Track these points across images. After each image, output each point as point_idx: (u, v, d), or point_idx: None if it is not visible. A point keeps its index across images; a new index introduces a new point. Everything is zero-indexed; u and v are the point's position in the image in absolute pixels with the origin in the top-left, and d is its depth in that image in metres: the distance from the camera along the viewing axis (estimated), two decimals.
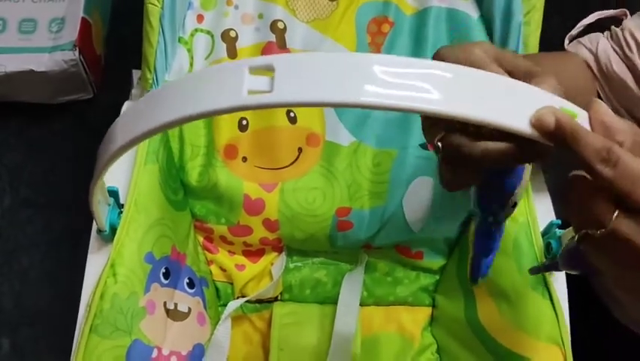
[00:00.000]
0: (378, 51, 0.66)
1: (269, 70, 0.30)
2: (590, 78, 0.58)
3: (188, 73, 0.63)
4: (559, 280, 0.57)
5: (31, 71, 0.88)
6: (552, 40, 0.64)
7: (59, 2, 0.92)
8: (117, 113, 0.64)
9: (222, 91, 0.31)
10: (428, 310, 0.71)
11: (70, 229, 0.86)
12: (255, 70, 0.31)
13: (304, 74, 0.30)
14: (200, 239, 0.67)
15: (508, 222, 0.59)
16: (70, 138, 0.94)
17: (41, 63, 0.88)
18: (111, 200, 0.54)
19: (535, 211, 0.59)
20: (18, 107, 0.94)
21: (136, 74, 0.66)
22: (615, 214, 0.33)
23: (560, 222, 0.58)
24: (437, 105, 0.30)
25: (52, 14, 0.91)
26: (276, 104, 0.30)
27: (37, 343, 0.83)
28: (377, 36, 0.66)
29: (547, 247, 0.58)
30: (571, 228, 0.56)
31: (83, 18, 0.90)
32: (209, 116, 0.31)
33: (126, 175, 0.56)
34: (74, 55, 0.88)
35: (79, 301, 0.53)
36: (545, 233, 0.59)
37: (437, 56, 0.39)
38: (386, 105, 0.30)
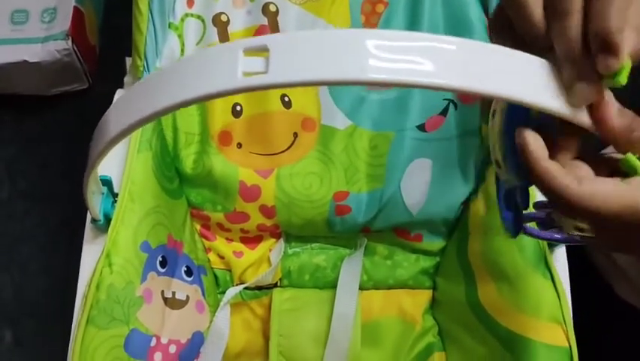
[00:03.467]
0: None
1: (263, 50, 0.29)
2: None
3: (180, 58, 0.62)
4: (560, 260, 0.57)
5: (25, 62, 0.87)
6: None
7: None
8: None
9: (217, 74, 0.30)
10: (429, 293, 0.70)
11: (67, 221, 0.86)
12: (248, 51, 0.30)
13: (299, 52, 0.29)
14: (197, 227, 0.67)
15: None
16: (66, 129, 0.93)
17: (34, 54, 0.87)
18: (104, 189, 0.53)
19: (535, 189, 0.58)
20: (13, 99, 0.93)
21: (129, 61, 0.65)
22: None
23: None
24: (434, 78, 0.29)
25: (43, 4, 0.90)
26: (272, 84, 0.29)
27: (39, 334, 0.83)
28: (371, 16, 0.65)
29: None
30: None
31: (75, 7, 0.89)
32: (205, 100, 0.30)
33: (119, 164, 0.56)
34: (67, 44, 0.87)
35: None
36: None
37: None
38: (387, 80, 0.29)
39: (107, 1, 0.99)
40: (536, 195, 0.43)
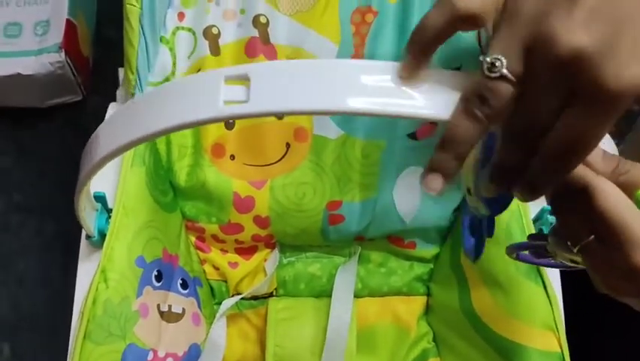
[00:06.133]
0: (362, 41, 0.65)
1: (244, 80, 0.30)
2: None
3: (171, 74, 0.62)
4: None
5: (19, 75, 0.87)
6: None
7: (43, 5, 0.91)
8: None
9: (198, 103, 0.30)
10: (423, 300, 0.71)
11: (62, 232, 0.87)
12: (230, 80, 0.30)
13: (279, 82, 0.30)
14: (192, 239, 0.67)
15: None
16: (60, 141, 0.94)
17: (28, 66, 0.87)
18: (98, 205, 0.53)
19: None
20: (7, 111, 0.93)
21: (122, 72, 0.65)
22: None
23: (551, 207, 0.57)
24: (415, 109, 0.29)
25: (36, 17, 0.91)
26: (253, 113, 0.29)
27: (36, 346, 0.83)
28: (361, 26, 0.65)
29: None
30: None
31: (67, 20, 0.89)
32: (187, 128, 0.31)
33: (113, 179, 0.56)
34: (60, 57, 0.87)
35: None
36: (537, 220, 0.58)
37: None
38: (367, 111, 0.29)
39: (99, 12, 1.00)
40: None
